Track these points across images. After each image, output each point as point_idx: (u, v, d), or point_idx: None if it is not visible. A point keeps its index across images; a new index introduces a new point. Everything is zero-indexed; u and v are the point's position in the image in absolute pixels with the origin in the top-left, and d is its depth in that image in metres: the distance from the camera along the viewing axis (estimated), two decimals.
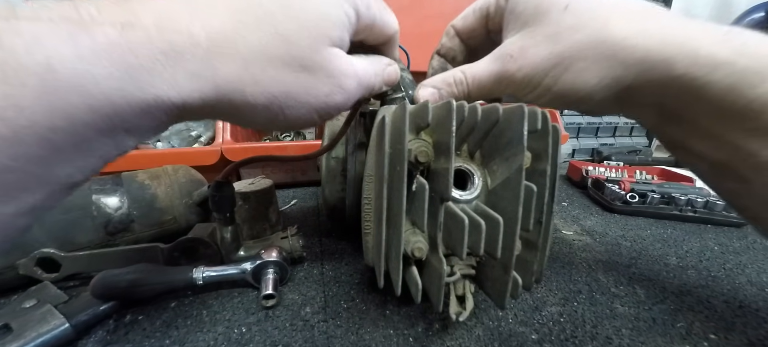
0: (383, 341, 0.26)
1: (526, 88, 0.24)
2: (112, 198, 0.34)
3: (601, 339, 0.27)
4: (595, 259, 0.38)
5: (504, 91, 0.25)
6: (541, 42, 0.22)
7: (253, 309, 0.29)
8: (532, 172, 0.22)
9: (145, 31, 0.13)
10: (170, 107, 0.15)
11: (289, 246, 0.35)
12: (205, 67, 0.15)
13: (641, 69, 0.20)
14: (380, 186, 0.22)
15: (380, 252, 0.23)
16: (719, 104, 0.19)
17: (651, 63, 0.20)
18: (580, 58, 0.21)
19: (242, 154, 0.52)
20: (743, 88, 0.19)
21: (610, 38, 0.21)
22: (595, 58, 0.21)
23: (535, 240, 0.24)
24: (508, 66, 0.23)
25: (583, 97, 0.22)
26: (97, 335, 0.26)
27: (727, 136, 0.21)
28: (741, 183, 0.22)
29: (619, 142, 0.93)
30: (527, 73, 0.23)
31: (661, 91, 0.21)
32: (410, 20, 0.62)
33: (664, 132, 0.25)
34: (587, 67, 0.21)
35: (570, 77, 0.22)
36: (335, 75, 0.19)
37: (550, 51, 0.22)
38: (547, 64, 0.22)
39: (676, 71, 0.20)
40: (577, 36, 0.21)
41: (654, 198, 0.50)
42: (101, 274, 0.28)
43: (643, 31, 0.20)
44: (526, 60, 0.23)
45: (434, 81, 0.26)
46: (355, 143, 0.33)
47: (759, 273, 0.36)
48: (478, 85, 0.25)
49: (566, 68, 0.22)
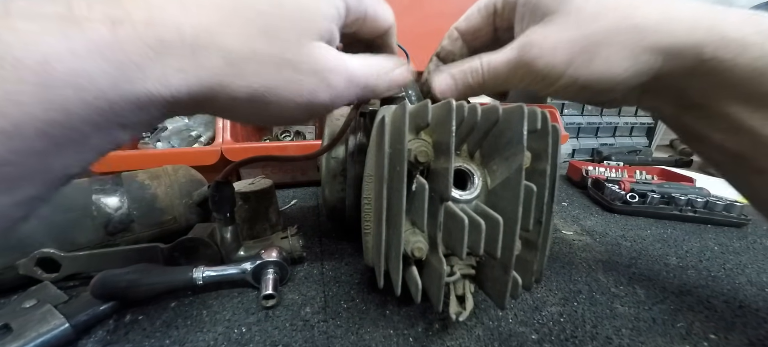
0: (383, 341, 0.26)
1: (547, 78, 0.22)
2: (112, 198, 0.34)
3: (601, 339, 0.27)
4: (595, 259, 0.38)
5: (521, 81, 0.23)
6: (564, 30, 0.21)
7: (253, 309, 0.29)
8: (532, 171, 0.22)
9: (134, 27, 0.14)
10: (161, 101, 0.15)
11: (289, 246, 0.35)
12: (192, 62, 0.15)
13: (670, 55, 0.20)
14: (380, 186, 0.22)
15: (380, 252, 0.23)
16: (745, 88, 0.19)
17: (680, 48, 0.19)
18: (606, 44, 0.20)
19: (242, 154, 0.52)
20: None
21: (638, 24, 0.20)
22: (622, 44, 0.20)
23: (535, 240, 0.24)
24: (529, 53, 0.22)
25: (609, 87, 0.21)
26: (97, 335, 0.26)
27: (748, 123, 0.20)
28: (759, 175, 0.21)
29: (619, 142, 0.93)
30: (549, 61, 0.21)
31: (687, 77, 0.20)
32: (410, 20, 0.62)
33: (681, 122, 0.24)
34: (615, 54, 0.20)
35: (597, 66, 0.21)
36: (321, 71, 0.18)
37: (574, 38, 0.21)
38: (571, 53, 0.21)
39: (705, 55, 0.19)
40: (602, 23, 0.20)
41: (654, 198, 0.50)
42: (101, 274, 0.28)
43: (671, 16, 0.20)
44: (547, 48, 0.21)
45: (450, 68, 0.25)
46: (355, 143, 0.33)
47: (759, 273, 0.36)
48: (494, 74, 0.24)
49: (592, 56, 0.21)
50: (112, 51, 0.13)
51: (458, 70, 0.25)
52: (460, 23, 0.29)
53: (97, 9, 0.13)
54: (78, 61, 0.12)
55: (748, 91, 0.19)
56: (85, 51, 0.13)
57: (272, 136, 0.72)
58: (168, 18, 0.14)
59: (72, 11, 0.13)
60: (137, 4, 0.14)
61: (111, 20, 0.13)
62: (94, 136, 0.14)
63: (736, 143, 0.21)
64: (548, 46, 0.21)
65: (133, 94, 0.14)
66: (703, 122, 0.22)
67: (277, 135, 0.71)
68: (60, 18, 0.12)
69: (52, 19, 0.12)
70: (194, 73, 0.15)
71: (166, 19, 0.14)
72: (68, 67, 0.12)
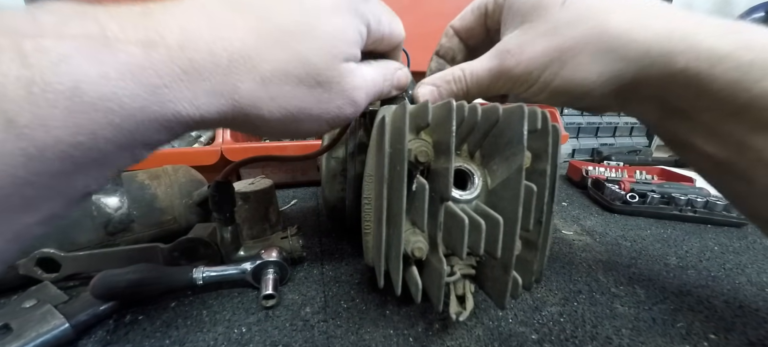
0: (383, 341, 0.26)
1: (525, 84, 0.23)
2: (112, 198, 0.34)
3: (601, 339, 0.27)
4: (595, 259, 0.38)
5: (502, 87, 0.24)
6: (539, 37, 0.22)
7: (253, 309, 0.29)
8: (532, 171, 0.22)
9: (168, 50, 0.13)
10: (188, 121, 0.15)
11: (289, 246, 0.35)
12: (224, 84, 0.15)
13: (642, 64, 0.20)
14: (380, 186, 0.22)
15: (380, 252, 0.23)
16: (723, 99, 0.19)
17: (652, 58, 0.20)
18: (578, 52, 0.21)
19: (242, 154, 0.52)
20: (747, 82, 0.18)
21: (609, 32, 0.20)
22: (594, 52, 0.21)
23: (535, 240, 0.24)
24: (506, 62, 0.23)
25: (582, 93, 0.22)
26: (97, 335, 0.26)
27: (731, 132, 0.20)
28: (745, 183, 0.22)
29: (619, 142, 0.93)
30: (525, 68, 0.23)
31: (663, 86, 0.21)
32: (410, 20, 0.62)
33: (666, 129, 0.24)
34: (586, 62, 0.21)
35: (569, 72, 0.22)
36: (348, 89, 0.19)
37: (548, 45, 0.22)
38: (545, 59, 0.22)
39: (678, 65, 0.19)
40: (575, 31, 0.21)
41: (654, 198, 0.50)
42: (101, 274, 0.28)
43: (644, 26, 0.20)
44: (523, 55, 0.23)
45: (433, 79, 0.26)
46: (355, 143, 0.33)
47: (759, 273, 0.36)
48: (477, 82, 0.25)
49: (564, 63, 0.22)
50: (144, 74, 0.13)
51: (441, 80, 0.26)
52: (455, 22, 0.30)
53: (129, 30, 0.13)
54: (109, 85, 0.12)
55: (726, 101, 0.19)
56: (117, 74, 0.12)
57: None
58: (201, 41, 0.14)
59: (104, 32, 0.12)
60: (170, 26, 0.14)
61: (144, 43, 0.13)
62: (117, 155, 0.14)
63: (719, 150, 0.21)
64: (525, 55, 0.23)
65: (161, 115, 0.14)
66: (687, 128, 0.22)
67: None
68: (92, 39, 0.12)
69: (85, 40, 0.12)
70: (227, 95, 0.15)
71: (199, 43, 0.14)
72: (99, 91, 0.12)
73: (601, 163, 0.68)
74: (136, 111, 0.13)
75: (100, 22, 0.13)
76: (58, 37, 0.12)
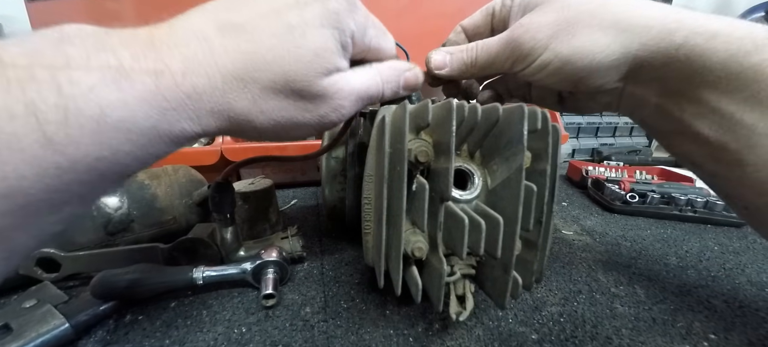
0: (383, 341, 0.26)
1: (532, 53, 0.24)
2: (111, 198, 0.34)
3: (601, 339, 0.27)
4: (595, 259, 0.38)
5: (511, 55, 0.25)
6: (549, 12, 0.24)
7: (253, 309, 0.29)
8: (532, 171, 0.22)
9: (173, 78, 0.16)
10: (192, 136, 0.17)
11: (289, 246, 0.35)
12: (221, 104, 0.17)
13: (645, 39, 0.22)
14: (380, 186, 0.22)
15: (380, 252, 0.23)
16: (719, 73, 0.21)
17: (654, 33, 0.22)
18: (587, 24, 0.23)
19: (242, 154, 0.52)
20: (740, 55, 0.20)
21: (614, 9, 0.23)
22: (600, 24, 0.23)
23: (535, 240, 0.24)
24: (515, 31, 0.25)
25: (590, 66, 0.23)
26: (97, 335, 0.26)
27: (726, 110, 0.22)
28: (736, 168, 0.23)
29: (619, 142, 0.93)
30: (533, 35, 0.24)
31: (665, 63, 0.22)
32: (410, 20, 0.62)
33: (664, 114, 0.25)
34: (594, 32, 0.23)
35: (577, 41, 0.23)
36: (332, 99, 0.20)
37: (558, 17, 0.23)
38: (554, 29, 0.23)
39: (678, 39, 0.21)
40: (584, 6, 0.23)
41: (654, 198, 0.50)
42: (101, 274, 0.28)
43: (644, 6, 0.23)
44: (533, 24, 0.24)
45: (448, 47, 0.28)
46: (355, 143, 0.33)
47: (759, 273, 0.36)
48: (486, 50, 0.26)
49: (573, 33, 0.23)
50: (155, 99, 0.15)
51: (454, 48, 0.28)
52: (464, 21, 0.31)
53: (141, 61, 0.15)
54: (128, 109, 0.15)
55: (721, 76, 0.21)
56: (134, 101, 0.15)
57: None
58: (200, 68, 0.16)
59: (122, 63, 0.15)
60: (173, 55, 0.16)
61: (153, 72, 0.15)
62: (132, 165, 0.16)
63: (714, 130, 0.23)
64: (534, 25, 0.24)
65: (170, 133, 0.16)
66: (684, 108, 0.24)
67: None
68: (112, 70, 0.14)
69: (106, 71, 0.14)
70: (224, 113, 0.18)
71: (199, 70, 0.16)
72: (120, 115, 0.14)
73: (601, 163, 0.68)
74: (148, 130, 0.15)
75: (117, 55, 0.15)
76: (86, 70, 0.14)
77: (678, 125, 0.24)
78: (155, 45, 0.16)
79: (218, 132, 0.19)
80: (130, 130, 0.15)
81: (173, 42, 0.16)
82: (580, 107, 0.29)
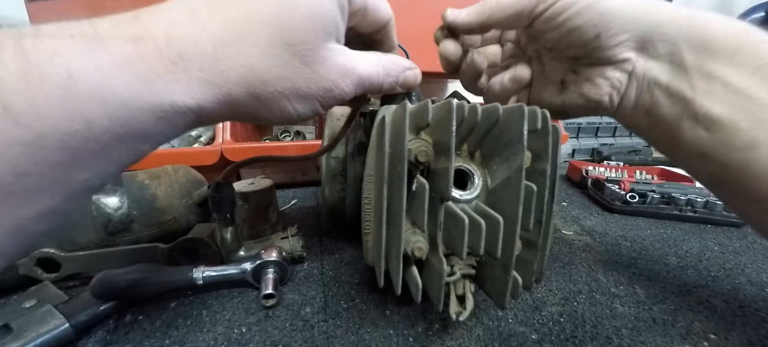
0: (383, 341, 0.26)
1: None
2: (111, 198, 0.34)
3: (601, 339, 0.27)
4: (595, 259, 0.38)
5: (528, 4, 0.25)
6: None
7: (253, 309, 0.29)
8: (532, 171, 0.22)
9: (155, 43, 0.14)
10: (186, 112, 0.16)
11: (289, 246, 0.35)
12: (214, 72, 0.16)
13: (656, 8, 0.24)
14: (380, 186, 0.22)
15: (380, 252, 0.23)
16: (724, 43, 0.22)
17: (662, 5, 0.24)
18: None
19: (242, 154, 0.52)
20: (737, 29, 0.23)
21: None
22: None
23: (535, 240, 0.24)
24: None
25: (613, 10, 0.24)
26: (97, 335, 0.26)
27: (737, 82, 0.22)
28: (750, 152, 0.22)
29: (619, 142, 0.93)
30: None
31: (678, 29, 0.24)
32: (410, 20, 0.62)
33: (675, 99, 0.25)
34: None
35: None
36: (335, 66, 0.19)
37: None
38: None
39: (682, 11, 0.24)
40: None
41: (654, 198, 0.50)
42: (101, 274, 0.28)
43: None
44: None
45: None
46: (355, 143, 0.33)
47: (759, 273, 0.36)
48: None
49: None
50: (135, 65, 0.14)
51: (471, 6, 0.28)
52: None
53: (118, 28, 0.14)
54: (102, 75, 0.13)
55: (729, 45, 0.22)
56: (110, 66, 0.13)
57: (272, 136, 0.72)
58: (185, 33, 0.15)
59: (96, 30, 0.14)
60: (156, 21, 0.15)
61: (133, 38, 0.14)
62: (116, 147, 0.14)
63: (727, 108, 0.23)
64: None
65: (157, 106, 0.15)
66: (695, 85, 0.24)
67: (277, 135, 0.71)
68: (85, 36, 0.13)
69: (78, 37, 0.13)
70: (220, 83, 0.16)
71: (184, 34, 0.15)
72: (92, 80, 0.13)
73: (601, 163, 0.68)
74: (129, 100, 0.14)
75: (93, 24, 0.14)
76: (54, 36, 0.13)
77: (689, 109, 0.24)
78: (138, 17, 0.15)
79: (218, 108, 0.17)
80: (107, 99, 0.13)
81: (158, 12, 0.15)
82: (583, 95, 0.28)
